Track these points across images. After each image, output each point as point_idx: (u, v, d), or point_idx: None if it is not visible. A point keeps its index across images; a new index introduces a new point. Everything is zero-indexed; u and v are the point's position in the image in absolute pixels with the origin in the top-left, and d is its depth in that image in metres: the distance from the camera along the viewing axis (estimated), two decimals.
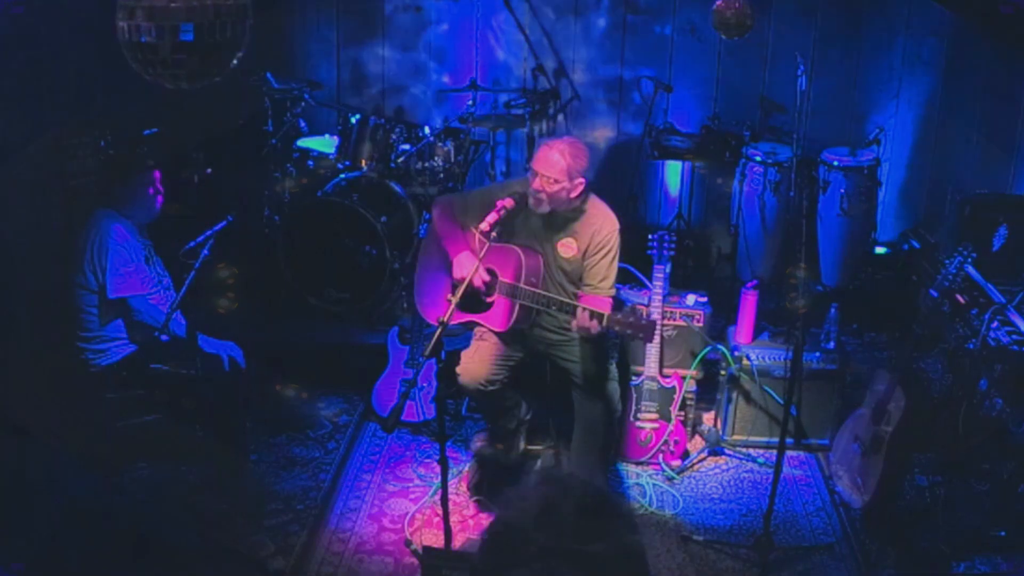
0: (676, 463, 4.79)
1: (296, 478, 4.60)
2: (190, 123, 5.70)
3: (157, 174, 4.31)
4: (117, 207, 4.26)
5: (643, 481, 4.69)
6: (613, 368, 4.52)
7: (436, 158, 5.92)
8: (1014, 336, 4.21)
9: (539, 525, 1.48)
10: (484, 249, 3.87)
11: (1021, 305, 4.37)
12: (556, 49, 6.57)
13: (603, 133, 6.70)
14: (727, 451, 4.92)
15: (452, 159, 5.95)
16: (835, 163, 5.91)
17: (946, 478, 4.35)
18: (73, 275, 4.20)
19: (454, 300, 3.56)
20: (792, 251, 5.74)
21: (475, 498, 4.46)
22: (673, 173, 6.64)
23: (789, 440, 4.47)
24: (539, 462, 4.73)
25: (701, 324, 4.86)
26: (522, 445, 4.72)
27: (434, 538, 4.13)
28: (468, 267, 4.04)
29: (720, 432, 4.96)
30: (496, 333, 4.23)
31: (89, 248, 4.15)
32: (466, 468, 4.65)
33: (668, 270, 4.74)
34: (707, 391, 5.11)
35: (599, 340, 4.21)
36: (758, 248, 6.05)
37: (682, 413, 4.83)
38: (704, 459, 4.88)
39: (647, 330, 3.82)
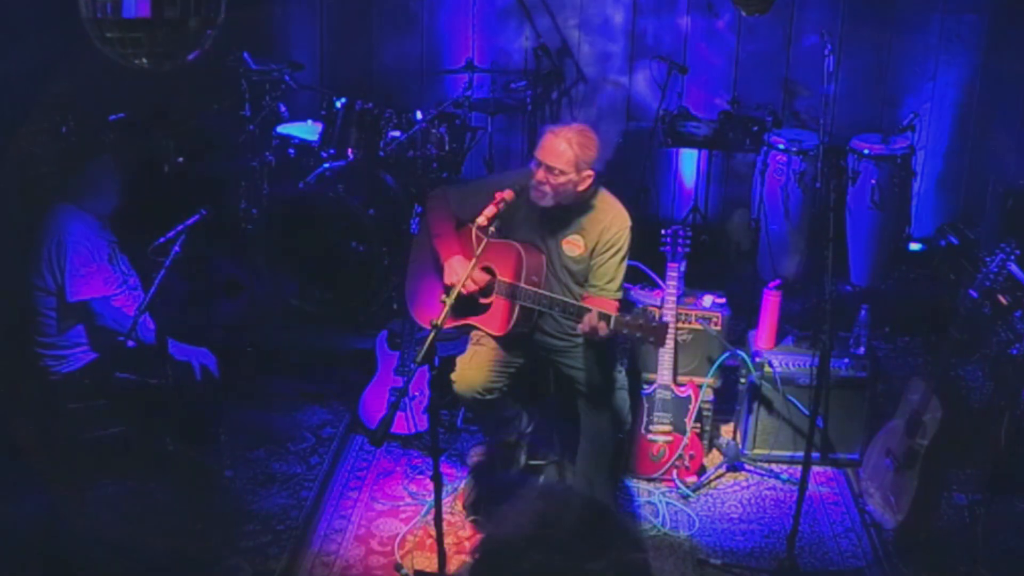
0: (692, 480, 4.78)
1: (275, 496, 4.59)
2: (161, 108, 5.69)
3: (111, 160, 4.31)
4: (76, 200, 4.24)
5: (655, 499, 4.68)
6: (622, 376, 4.51)
7: (429, 145, 5.91)
8: None
9: (533, 542, 1.48)
10: (481, 246, 3.86)
11: None
12: (560, 27, 6.56)
13: (611, 118, 6.69)
14: (747, 467, 4.91)
15: (446, 146, 5.94)
16: (865, 151, 5.91)
17: (987, 496, 4.34)
18: (30, 276, 4.19)
19: (448, 302, 3.55)
20: (818, 248, 5.73)
21: (471, 518, 4.46)
22: (688, 162, 6.63)
23: (815, 455, 4.46)
24: (542, 478, 4.73)
25: (719, 327, 4.85)
26: (523, 460, 4.71)
27: (427, 562, 4.13)
28: (460, 272, 4.03)
29: (740, 446, 4.95)
30: (494, 337, 4.22)
31: (47, 246, 4.14)
32: (462, 485, 4.65)
33: (683, 268, 4.73)
34: (725, 401, 5.10)
35: (606, 345, 4.20)
36: (781, 244, 6.05)
37: (698, 425, 4.82)
38: (722, 475, 4.87)
39: (658, 333, 3.81)
